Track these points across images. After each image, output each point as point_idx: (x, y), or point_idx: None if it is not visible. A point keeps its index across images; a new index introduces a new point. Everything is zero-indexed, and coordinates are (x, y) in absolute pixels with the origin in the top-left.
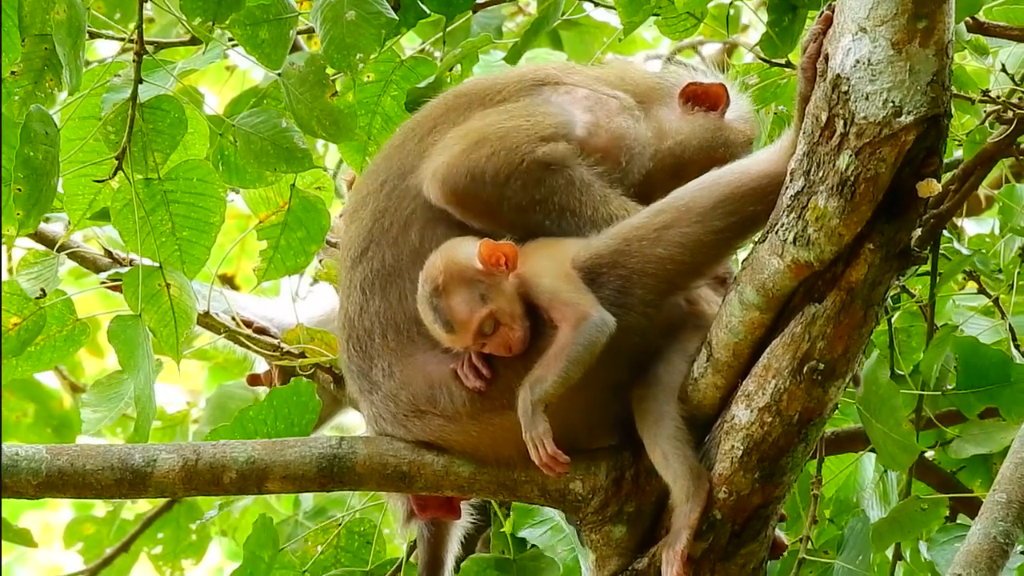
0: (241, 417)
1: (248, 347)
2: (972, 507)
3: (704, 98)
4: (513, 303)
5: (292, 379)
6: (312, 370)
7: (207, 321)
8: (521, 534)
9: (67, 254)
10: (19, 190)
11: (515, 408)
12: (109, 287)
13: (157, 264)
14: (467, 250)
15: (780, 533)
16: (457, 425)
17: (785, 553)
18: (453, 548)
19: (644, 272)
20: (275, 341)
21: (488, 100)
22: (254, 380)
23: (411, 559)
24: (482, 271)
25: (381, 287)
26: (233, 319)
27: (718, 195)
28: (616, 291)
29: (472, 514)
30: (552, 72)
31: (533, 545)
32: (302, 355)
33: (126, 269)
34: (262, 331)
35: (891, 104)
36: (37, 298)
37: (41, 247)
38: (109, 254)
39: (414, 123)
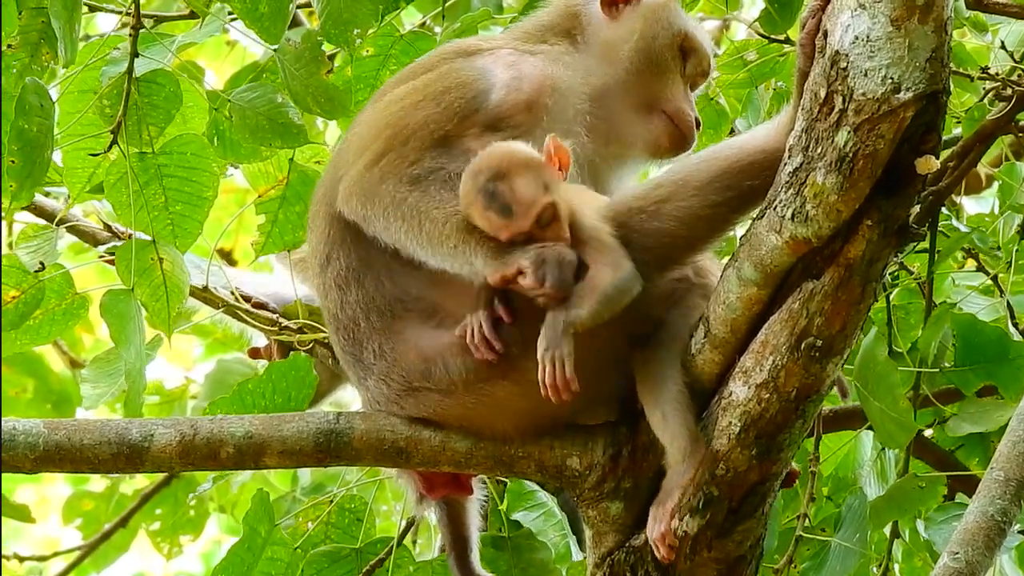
0: (240, 390)
1: (247, 322)
2: (970, 485)
3: None
4: (566, 211)
5: (291, 353)
6: (311, 345)
7: (206, 296)
8: (515, 517)
9: (66, 228)
10: (13, 162)
11: (509, 378)
12: (108, 260)
13: (150, 238)
14: (525, 146)
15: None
16: (452, 399)
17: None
18: (475, 522)
19: (642, 246)
20: (274, 316)
21: (413, 73)
22: (254, 354)
23: (404, 541)
24: (545, 163)
25: (356, 279)
26: (232, 293)
27: (715, 169)
28: None
29: (485, 487)
30: (473, 41)
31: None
32: (301, 330)
33: (122, 243)
34: (261, 306)
35: (890, 80)
36: (36, 271)
37: (41, 221)
38: (108, 228)
39: (355, 120)
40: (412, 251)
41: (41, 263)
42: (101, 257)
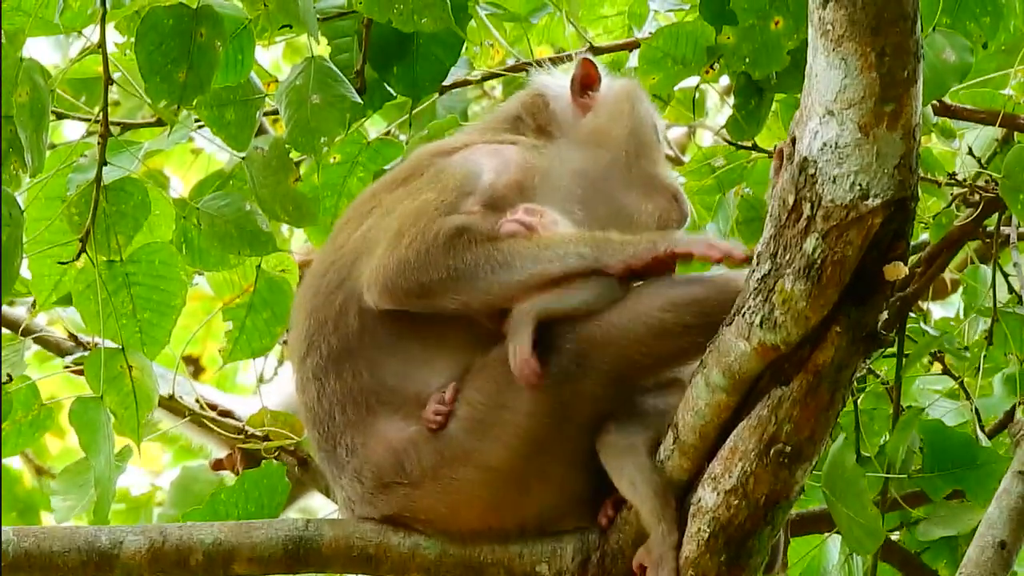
0: (212, 501)
1: (212, 429)
2: None
3: (588, 81)
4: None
5: (263, 462)
6: (277, 453)
7: (171, 404)
8: None
9: (32, 338)
10: None
11: (471, 463)
12: (73, 371)
13: (119, 346)
14: None
15: None
16: (420, 490)
17: None
18: None
19: (607, 342)
20: (239, 424)
21: (391, 182)
22: (217, 466)
23: None
24: None
25: (334, 369)
26: (197, 401)
27: (696, 293)
28: (576, 354)
29: None
30: (447, 142)
31: None
32: (266, 438)
33: (89, 352)
34: (227, 414)
35: (858, 187)
36: (3, 383)
37: (6, 331)
38: (73, 337)
39: (332, 231)
40: (505, 288)
41: (8, 375)
42: (67, 367)
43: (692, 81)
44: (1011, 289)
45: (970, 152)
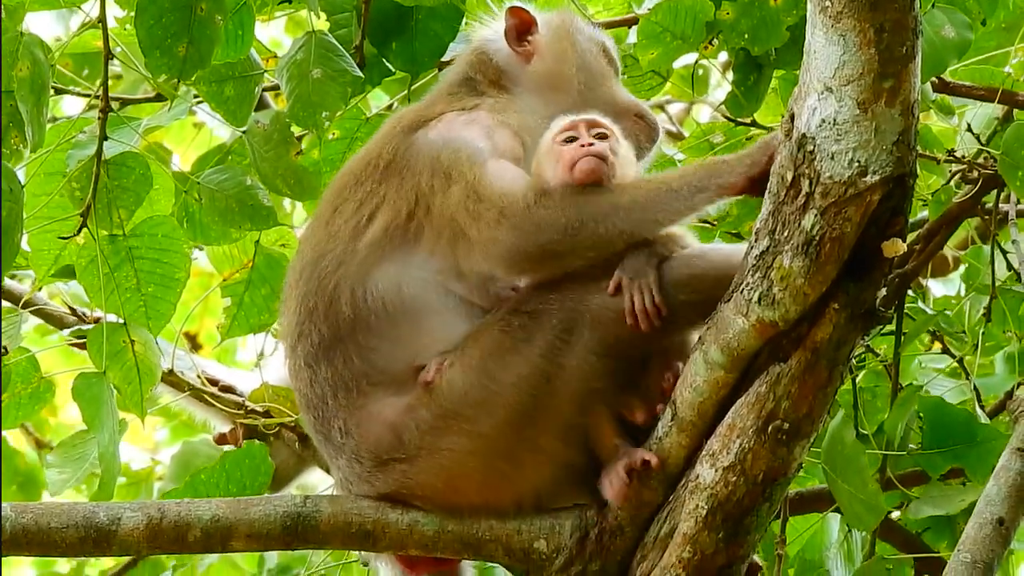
0: (193, 480)
1: (213, 405)
2: (937, 567)
3: (523, 28)
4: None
5: (245, 442)
6: (277, 428)
7: (172, 379)
8: None
9: (32, 311)
10: None
11: (459, 432)
12: (74, 344)
13: (122, 321)
14: None
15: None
16: (417, 466)
17: None
18: None
19: (594, 317)
20: (240, 399)
21: (375, 167)
22: (221, 439)
23: None
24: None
25: (325, 356)
26: (198, 377)
27: (691, 270)
28: (562, 328)
29: None
30: (416, 115)
31: None
32: (267, 414)
33: (91, 326)
34: (228, 389)
35: (857, 164)
36: (1, 355)
37: (5, 304)
38: (74, 311)
39: (316, 212)
40: (635, 228)
41: (5, 347)
42: (70, 343)
43: (691, 57)
44: (1010, 266)
45: (969, 129)
